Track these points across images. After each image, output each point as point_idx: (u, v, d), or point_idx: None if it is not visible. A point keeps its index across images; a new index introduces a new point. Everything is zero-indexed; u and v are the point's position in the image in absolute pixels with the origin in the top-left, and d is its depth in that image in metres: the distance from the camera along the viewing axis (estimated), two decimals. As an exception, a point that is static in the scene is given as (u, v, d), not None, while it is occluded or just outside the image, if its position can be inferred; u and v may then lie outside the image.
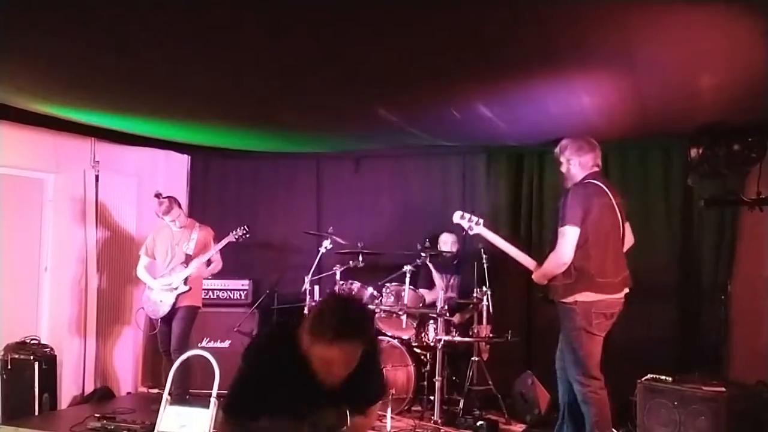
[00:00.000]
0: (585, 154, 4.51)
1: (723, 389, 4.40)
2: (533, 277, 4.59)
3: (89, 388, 6.40)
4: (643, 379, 4.73)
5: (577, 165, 4.51)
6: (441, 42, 3.53)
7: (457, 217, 4.98)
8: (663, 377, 4.65)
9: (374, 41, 3.55)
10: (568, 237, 4.30)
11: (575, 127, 5.31)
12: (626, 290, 4.51)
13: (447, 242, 6.20)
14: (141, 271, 6.07)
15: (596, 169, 4.54)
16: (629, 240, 4.71)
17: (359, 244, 5.93)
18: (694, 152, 4.92)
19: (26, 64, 4.09)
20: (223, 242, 5.80)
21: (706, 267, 5.74)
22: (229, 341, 6.55)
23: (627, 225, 4.64)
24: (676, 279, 5.88)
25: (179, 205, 5.95)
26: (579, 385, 4.35)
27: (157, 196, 5.92)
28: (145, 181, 6.78)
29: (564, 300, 4.37)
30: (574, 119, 5.08)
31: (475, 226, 4.92)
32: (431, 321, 5.67)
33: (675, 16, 3.09)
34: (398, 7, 3.08)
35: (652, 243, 5.96)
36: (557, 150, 4.63)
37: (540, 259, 4.58)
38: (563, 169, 4.59)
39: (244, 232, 5.78)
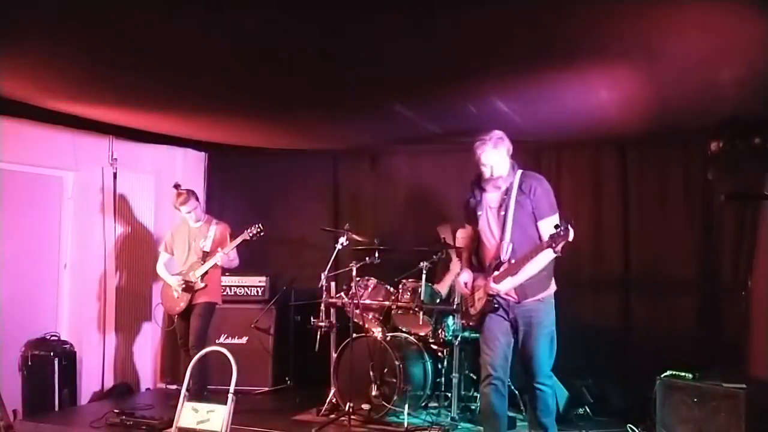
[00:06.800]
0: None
1: (743, 386, 4.35)
2: (500, 286, 3.98)
3: (108, 384, 6.46)
4: (662, 375, 4.68)
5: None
6: (457, 37, 3.52)
7: None
8: (683, 374, 4.61)
9: (391, 37, 3.54)
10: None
11: (593, 121, 5.28)
12: None
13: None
14: (160, 268, 6.07)
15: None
16: None
17: (375, 241, 5.91)
18: (714, 146, 4.88)
19: (45, 61, 4.12)
20: (238, 240, 5.77)
21: (725, 262, 5.67)
22: (247, 337, 6.57)
23: None
24: (695, 274, 5.81)
25: (197, 198, 5.93)
26: (546, 387, 4.05)
27: (176, 186, 5.93)
28: (163, 179, 6.81)
29: (540, 296, 4.05)
30: (591, 114, 5.04)
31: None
32: (448, 317, 5.65)
33: (695, 8, 3.05)
34: (415, 4, 3.07)
35: (671, 238, 5.90)
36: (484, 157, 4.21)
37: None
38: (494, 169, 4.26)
39: (259, 230, 5.75)
